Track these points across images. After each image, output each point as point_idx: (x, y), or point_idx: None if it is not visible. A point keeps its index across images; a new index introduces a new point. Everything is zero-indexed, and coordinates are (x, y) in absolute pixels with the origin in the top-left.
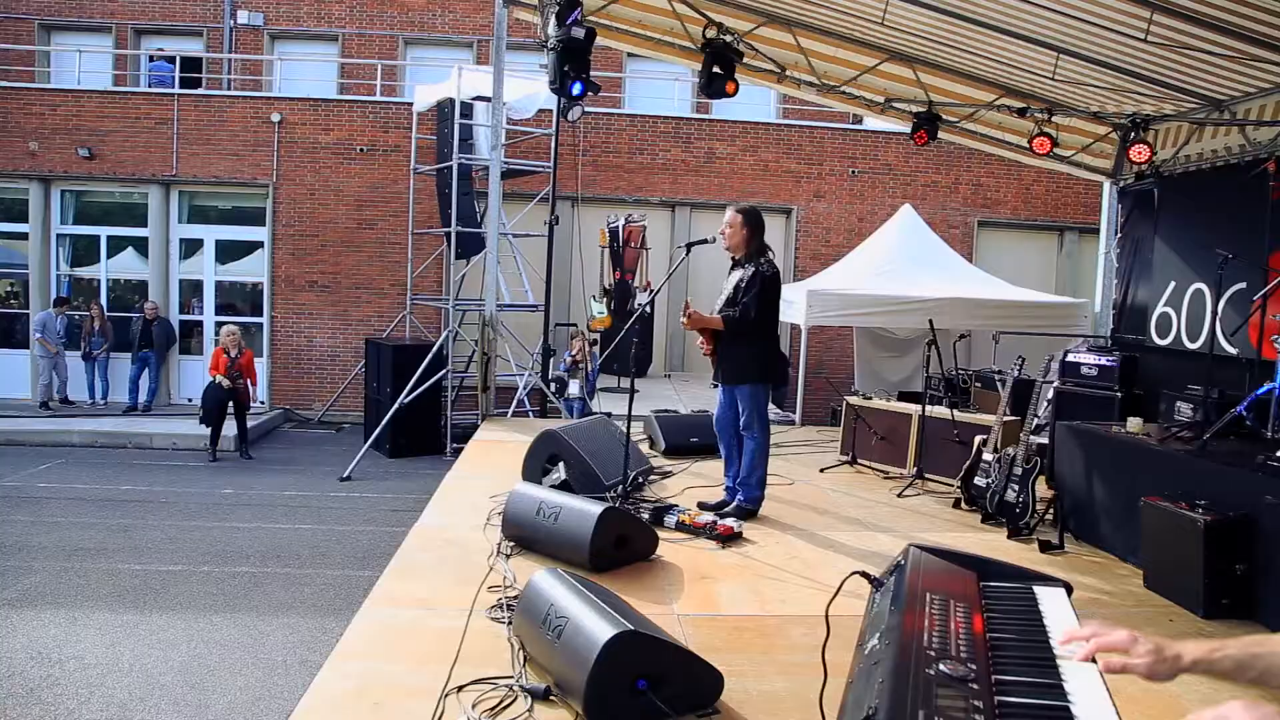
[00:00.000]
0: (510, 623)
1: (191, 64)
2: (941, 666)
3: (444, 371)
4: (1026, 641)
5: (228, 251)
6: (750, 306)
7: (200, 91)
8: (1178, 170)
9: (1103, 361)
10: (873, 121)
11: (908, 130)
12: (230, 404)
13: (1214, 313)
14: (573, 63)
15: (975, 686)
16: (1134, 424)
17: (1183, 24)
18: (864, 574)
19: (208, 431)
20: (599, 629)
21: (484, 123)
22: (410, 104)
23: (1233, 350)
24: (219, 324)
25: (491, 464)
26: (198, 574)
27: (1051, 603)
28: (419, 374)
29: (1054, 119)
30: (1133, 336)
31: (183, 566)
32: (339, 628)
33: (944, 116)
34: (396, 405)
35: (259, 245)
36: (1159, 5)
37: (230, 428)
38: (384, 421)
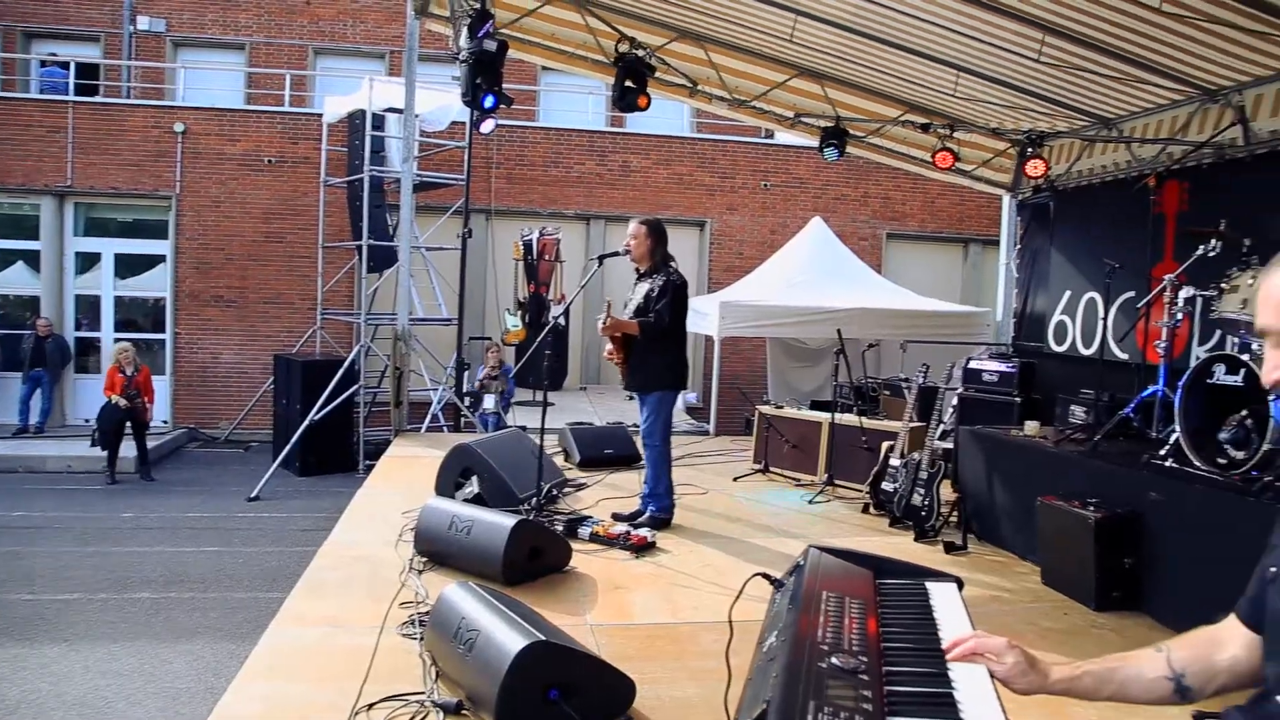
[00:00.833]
0: (422, 638)
1: (88, 71)
2: (834, 660)
3: (356, 387)
4: (917, 634)
5: (128, 265)
6: (664, 314)
7: (98, 99)
8: (1071, 185)
9: (1003, 368)
10: (784, 136)
11: (817, 144)
12: (128, 424)
13: (1109, 320)
14: (485, 75)
15: (865, 678)
16: (1031, 427)
17: (1072, 46)
18: (765, 575)
19: (104, 454)
20: (510, 640)
21: (396, 135)
22: (320, 115)
23: (1123, 355)
24: (119, 341)
25: (404, 480)
26: (94, 602)
27: (942, 597)
28: (330, 390)
29: (956, 134)
30: (1032, 344)
31: (78, 595)
32: (245, 652)
33: (851, 131)
34: (307, 422)
35: (161, 259)
36: (1050, 28)
37: (129, 449)
38: (294, 439)
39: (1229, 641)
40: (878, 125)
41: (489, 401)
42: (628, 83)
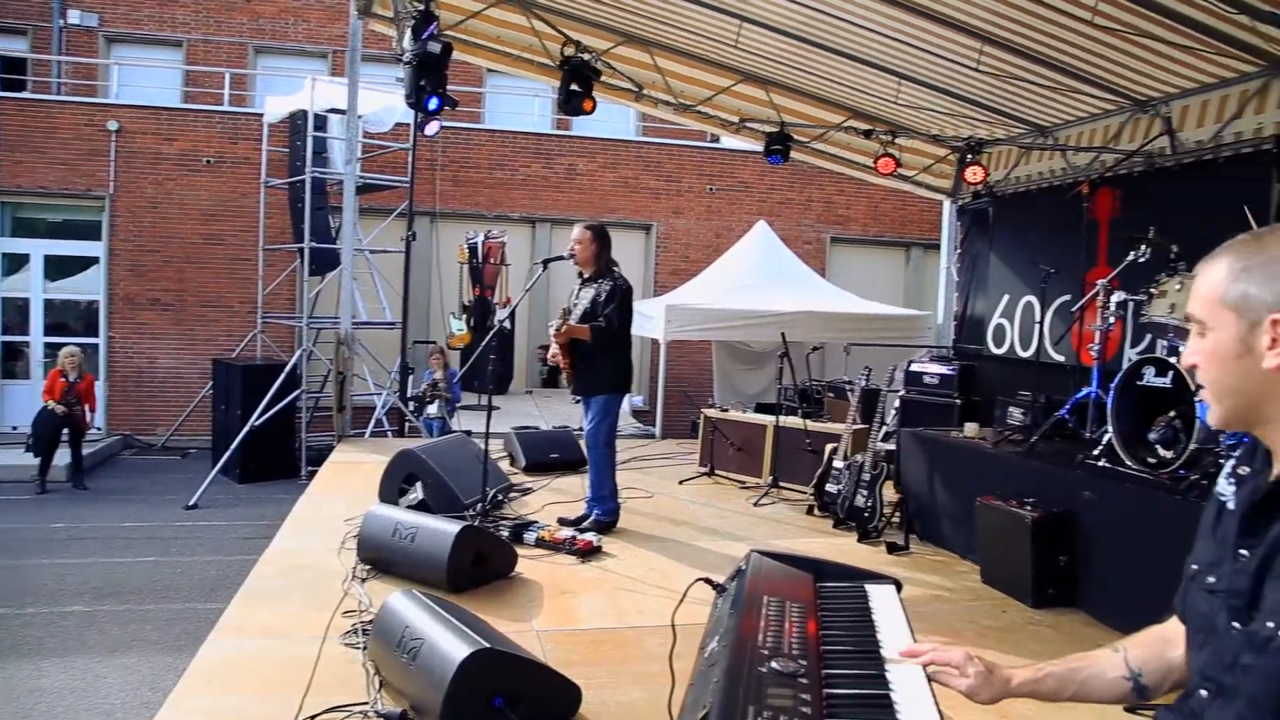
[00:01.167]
0: (365, 648)
1: (14, 66)
2: (773, 664)
3: (298, 392)
4: (856, 637)
5: (58, 267)
6: (614, 318)
7: (25, 95)
8: (1009, 190)
9: (944, 370)
10: (729, 140)
11: (762, 149)
12: (65, 431)
13: (1046, 324)
14: (429, 77)
15: (805, 681)
16: (970, 429)
17: (1010, 56)
18: (708, 580)
19: (36, 461)
20: (454, 648)
21: (339, 136)
22: (261, 115)
23: (1059, 358)
24: (49, 345)
25: (347, 486)
26: (22, 617)
27: (881, 599)
28: (271, 395)
29: (897, 140)
30: (972, 346)
31: (5, 609)
32: (183, 665)
33: (796, 136)
34: (247, 428)
35: (94, 261)
36: (988, 38)
37: (62, 457)
38: (234, 445)
39: (1177, 639)
40: (821, 131)
41: (433, 406)
42: (573, 86)
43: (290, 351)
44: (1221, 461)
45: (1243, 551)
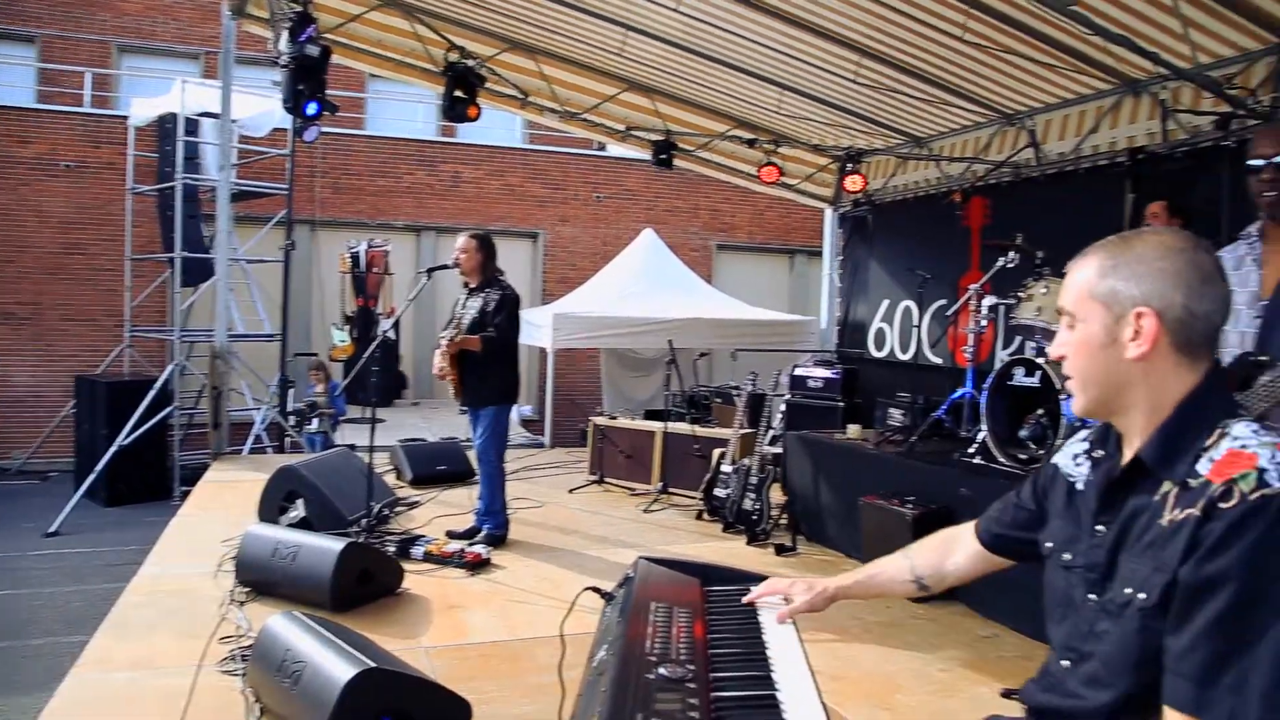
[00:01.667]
0: (244, 674)
1: None
2: (661, 670)
3: (170, 409)
4: (743, 639)
5: None
6: (504, 328)
7: None
8: (887, 199)
9: (827, 374)
10: (615, 148)
11: (648, 157)
12: None
13: (924, 328)
14: (307, 81)
15: (693, 685)
16: (853, 430)
17: (886, 68)
18: (596, 589)
19: None
20: (338, 670)
21: (212, 141)
22: (126, 117)
23: (937, 360)
24: None
25: (224, 505)
26: None
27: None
28: (140, 412)
29: (780, 150)
30: (855, 350)
31: None
32: (42, 705)
33: (681, 145)
34: (114, 448)
35: None
36: (866, 51)
37: None
38: (99, 466)
39: (959, 549)
40: (706, 139)
41: (314, 421)
42: (457, 92)
43: (161, 366)
44: (1058, 444)
45: (1099, 528)
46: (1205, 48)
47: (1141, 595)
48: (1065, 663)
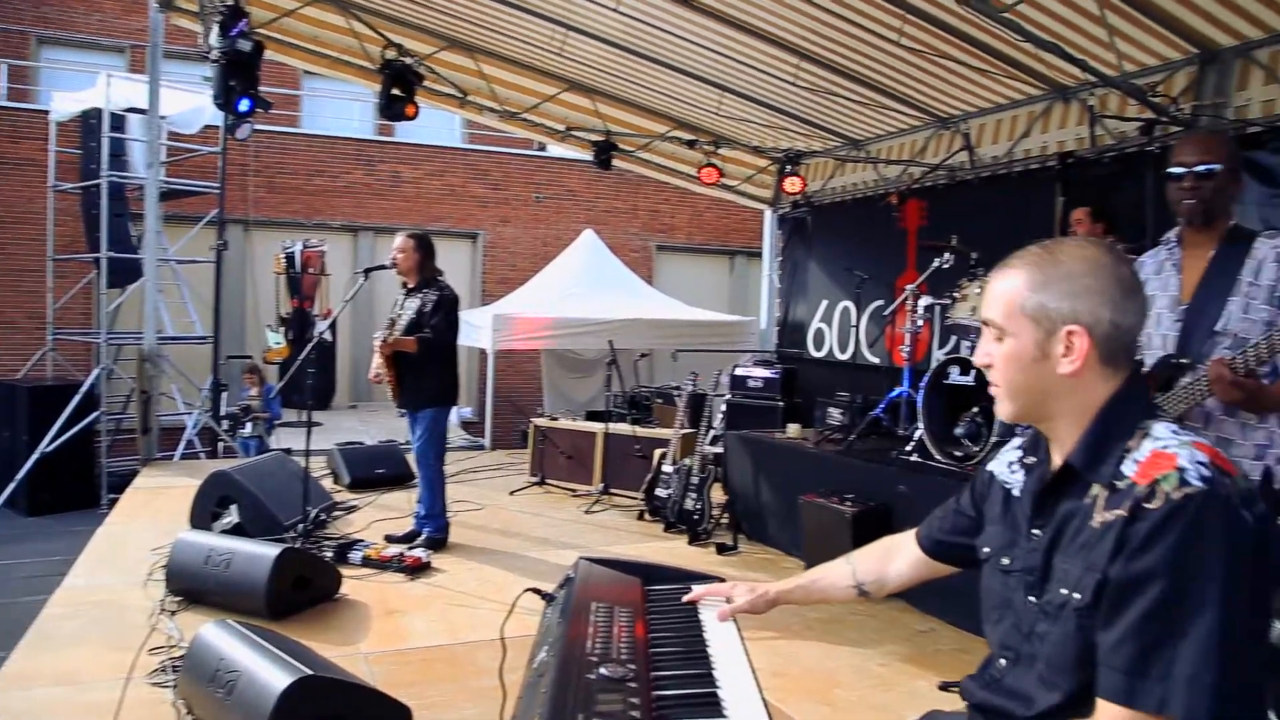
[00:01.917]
0: (176, 685)
1: None
2: (602, 670)
3: (96, 414)
4: (684, 637)
5: None
6: (441, 329)
7: None
8: (826, 200)
9: (766, 374)
10: (556, 148)
11: (589, 158)
12: None
13: (862, 327)
14: (239, 77)
15: (634, 685)
16: (793, 430)
17: (825, 72)
18: (536, 590)
19: None
20: (273, 678)
21: (139, 137)
22: (48, 112)
23: (874, 360)
24: None
25: (154, 512)
26: None
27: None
28: (65, 418)
29: (720, 151)
30: (794, 350)
31: None
32: None
33: (622, 145)
34: (36, 455)
35: None
36: (805, 54)
37: None
38: (20, 475)
39: (900, 556)
40: (646, 140)
41: (248, 426)
42: (395, 91)
43: (87, 370)
44: (994, 452)
45: (1035, 531)
46: (1130, 56)
47: (1076, 595)
48: (1003, 661)
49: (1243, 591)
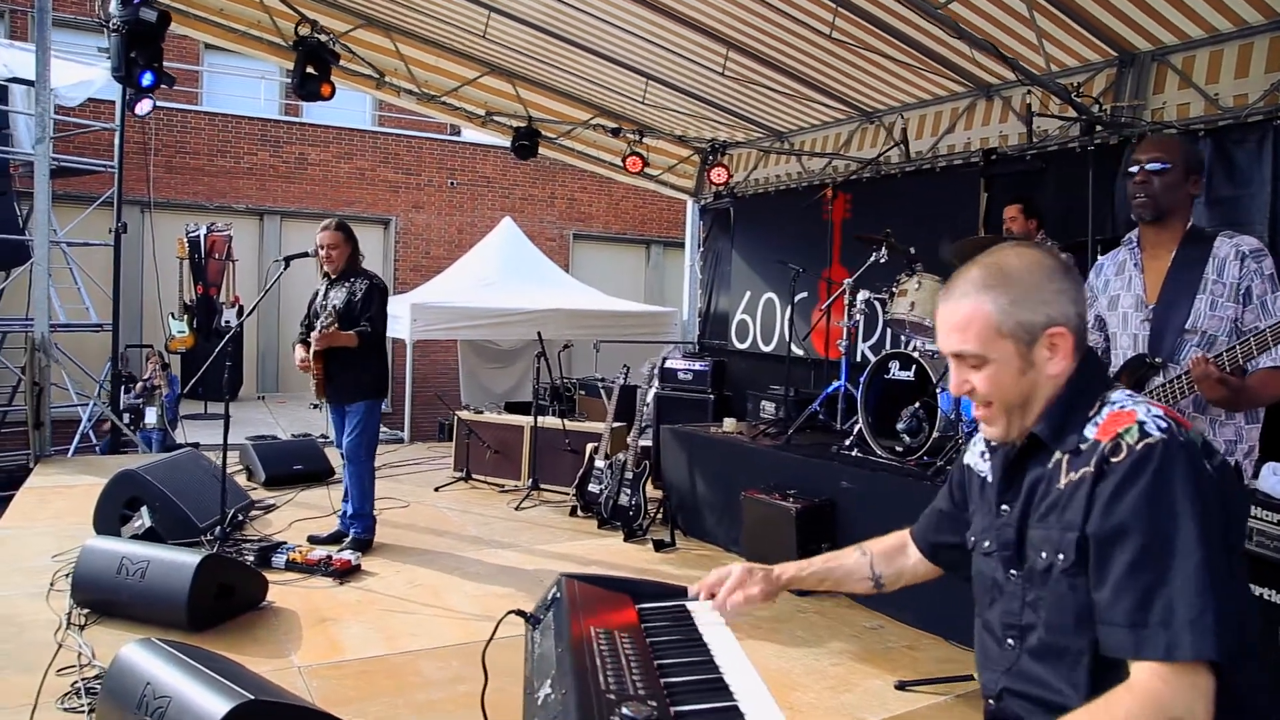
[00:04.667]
0: (92, 709)
1: None
2: (625, 710)
3: None
4: (693, 663)
5: None
6: (376, 321)
7: None
8: (750, 192)
9: (696, 366)
10: (471, 133)
11: (507, 143)
12: None
13: (787, 320)
14: (142, 49)
15: None
16: (729, 424)
17: (753, 63)
18: (520, 613)
19: None
20: (211, 704)
21: (25, 110)
22: None
23: (799, 352)
24: None
25: (52, 515)
26: None
27: (705, 617)
28: None
29: (644, 140)
30: (716, 341)
31: None
32: None
33: (543, 132)
34: None
35: None
36: (733, 44)
37: None
38: None
39: (912, 553)
40: (569, 127)
41: (151, 416)
42: (309, 69)
43: None
44: (963, 444)
45: (1004, 507)
46: (1056, 58)
47: (1060, 557)
48: (1010, 642)
49: (1216, 530)
